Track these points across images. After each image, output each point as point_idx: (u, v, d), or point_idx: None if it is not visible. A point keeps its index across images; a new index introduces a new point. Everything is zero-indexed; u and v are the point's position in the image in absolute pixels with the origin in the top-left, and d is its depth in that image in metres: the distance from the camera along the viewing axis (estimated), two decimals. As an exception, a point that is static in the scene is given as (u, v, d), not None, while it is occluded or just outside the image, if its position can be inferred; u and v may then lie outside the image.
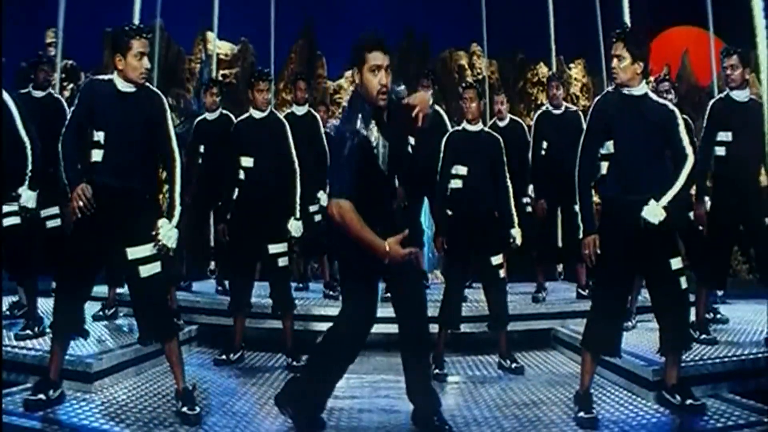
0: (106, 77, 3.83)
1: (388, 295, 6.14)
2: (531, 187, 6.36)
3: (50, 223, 5.39)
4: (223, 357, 5.18)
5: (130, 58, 3.67)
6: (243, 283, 5.20)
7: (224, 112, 6.58)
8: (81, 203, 3.57)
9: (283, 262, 5.15)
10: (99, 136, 3.70)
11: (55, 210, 5.41)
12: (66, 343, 3.85)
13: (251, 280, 5.28)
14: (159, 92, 3.89)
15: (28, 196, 4.55)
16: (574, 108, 6.89)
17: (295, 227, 5.18)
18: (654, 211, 3.63)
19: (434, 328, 4.97)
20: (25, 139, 4.56)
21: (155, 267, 3.70)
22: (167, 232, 3.67)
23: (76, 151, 3.75)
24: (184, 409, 3.67)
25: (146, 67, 3.73)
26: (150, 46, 3.82)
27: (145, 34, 3.73)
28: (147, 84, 3.82)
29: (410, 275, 3.62)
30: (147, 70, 3.74)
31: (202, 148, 6.35)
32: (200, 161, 6.33)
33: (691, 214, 5.22)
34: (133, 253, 3.66)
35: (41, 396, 3.68)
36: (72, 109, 3.83)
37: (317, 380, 3.57)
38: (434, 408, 3.59)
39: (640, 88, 3.78)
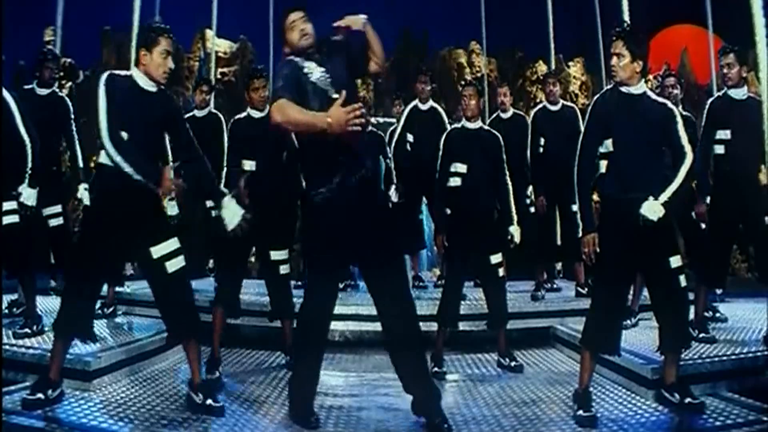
0: (123, 73, 3.79)
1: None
2: (530, 189, 6.37)
3: (53, 222, 5.39)
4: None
5: (156, 55, 3.68)
6: (233, 282, 5.05)
7: (213, 110, 6.58)
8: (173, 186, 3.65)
9: (284, 269, 5.01)
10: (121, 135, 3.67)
11: (58, 208, 5.40)
12: (68, 343, 3.85)
13: (240, 282, 5.13)
14: (173, 95, 3.96)
15: (28, 194, 4.54)
16: (571, 104, 6.93)
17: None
18: (652, 208, 3.63)
19: (433, 326, 4.99)
20: (25, 136, 4.55)
21: (180, 261, 3.73)
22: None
23: (131, 148, 3.64)
24: (208, 401, 3.71)
25: (170, 66, 3.74)
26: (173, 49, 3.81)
27: (172, 35, 3.75)
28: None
29: (388, 269, 3.61)
30: (170, 70, 3.75)
31: None
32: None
33: (693, 214, 5.23)
34: (158, 250, 3.68)
35: (40, 395, 3.67)
36: (102, 106, 3.62)
37: (299, 372, 3.73)
38: (433, 402, 3.60)
39: (639, 87, 3.78)
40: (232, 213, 3.75)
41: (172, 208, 5.26)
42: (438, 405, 3.60)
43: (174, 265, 3.71)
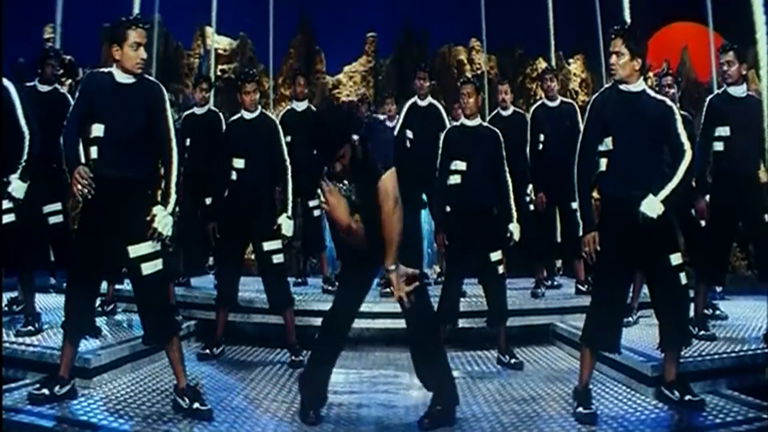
0: (105, 70, 3.83)
1: (387, 290, 6.14)
2: (530, 187, 6.37)
3: (53, 219, 5.38)
4: (206, 351, 5.19)
5: (126, 48, 3.67)
6: (230, 278, 5.25)
7: (212, 108, 6.60)
8: (80, 186, 3.54)
9: (277, 259, 5.14)
10: (99, 128, 3.68)
11: (58, 206, 5.39)
12: (78, 341, 3.87)
13: (238, 274, 5.32)
14: (158, 82, 3.89)
15: (17, 186, 4.47)
16: (570, 101, 6.93)
17: (286, 225, 5.15)
18: (652, 205, 3.63)
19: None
20: (24, 128, 4.52)
21: (157, 264, 3.68)
22: (162, 219, 3.63)
23: (76, 140, 3.75)
24: (196, 405, 3.67)
25: (142, 57, 3.71)
26: (147, 38, 3.80)
27: (141, 25, 3.73)
28: (146, 75, 3.82)
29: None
30: (143, 60, 3.73)
31: (188, 142, 6.32)
32: (185, 155, 6.29)
33: (693, 211, 5.23)
34: (135, 250, 3.64)
35: (44, 390, 3.70)
36: (74, 102, 3.83)
37: (313, 366, 3.78)
38: (446, 401, 3.65)
39: (638, 85, 3.78)
40: (164, 219, 3.67)
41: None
42: (441, 399, 3.64)
43: (149, 268, 3.65)
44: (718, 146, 4.94)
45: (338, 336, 3.77)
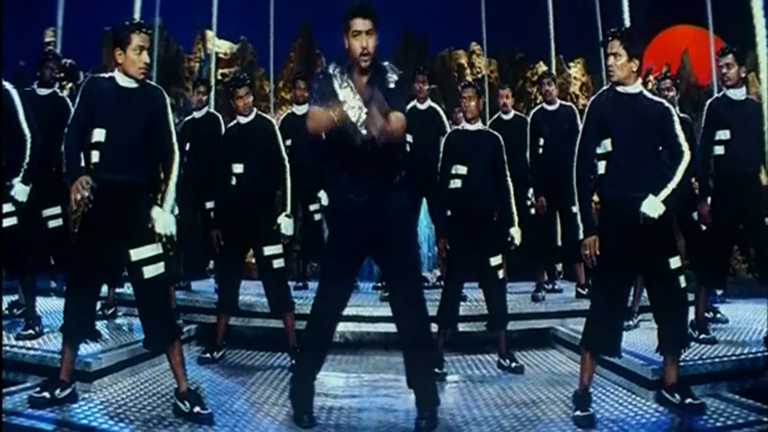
0: (107, 75, 3.83)
1: (387, 294, 6.16)
2: (531, 190, 6.37)
3: (52, 223, 5.38)
4: (207, 355, 5.20)
5: (129, 52, 3.67)
6: (231, 283, 5.27)
7: (211, 111, 6.60)
8: (79, 196, 3.52)
9: (278, 263, 5.14)
10: (100, 133, 3.68)
11: (57, 210, 5.39)
12: (77, 345, 3.86)
13: (239, 279, 5.33)
14: (160, 88, 3.90)
15: (19, 189, 4.47)
16: (569, 104, 6.93)
17: (285, 224, 5.14)
18: (653, 205, 3.63)
19: (433, 327, 4.99)
20: (26, 131, 4.53)
21: (159, 268, 3.68)
22: (163, 219, 3.62)
23: (78, 148, 3.74)
24: (197, 409, 3.66)
25: (145, 61, 3.72)
26: (150, 43, 3.82)
27: (145, 29, 3.74)
28: (147, 80, 3.83)
29: (405, 275, 3.66)
30: (146, 65, 3.73)
31: (187, 146, 6.32)
32: (185, 159, 6.28)
33: (695, 214, 5.23)
34: (137, 254, 3.64)
35: (45, 394, 3.70)
36: (74, 107, 3.83)
37: (301, 365, 3.84)
38: (429, 405, 3.63)
39: (635, 86, 3.79)
40: (166, 218, 3.67)
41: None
42: (428, 404, 3.63)
43: (152, 271, 3.66)
44: (719, 149, 4.94)
45: (323, 339, 3.77)
